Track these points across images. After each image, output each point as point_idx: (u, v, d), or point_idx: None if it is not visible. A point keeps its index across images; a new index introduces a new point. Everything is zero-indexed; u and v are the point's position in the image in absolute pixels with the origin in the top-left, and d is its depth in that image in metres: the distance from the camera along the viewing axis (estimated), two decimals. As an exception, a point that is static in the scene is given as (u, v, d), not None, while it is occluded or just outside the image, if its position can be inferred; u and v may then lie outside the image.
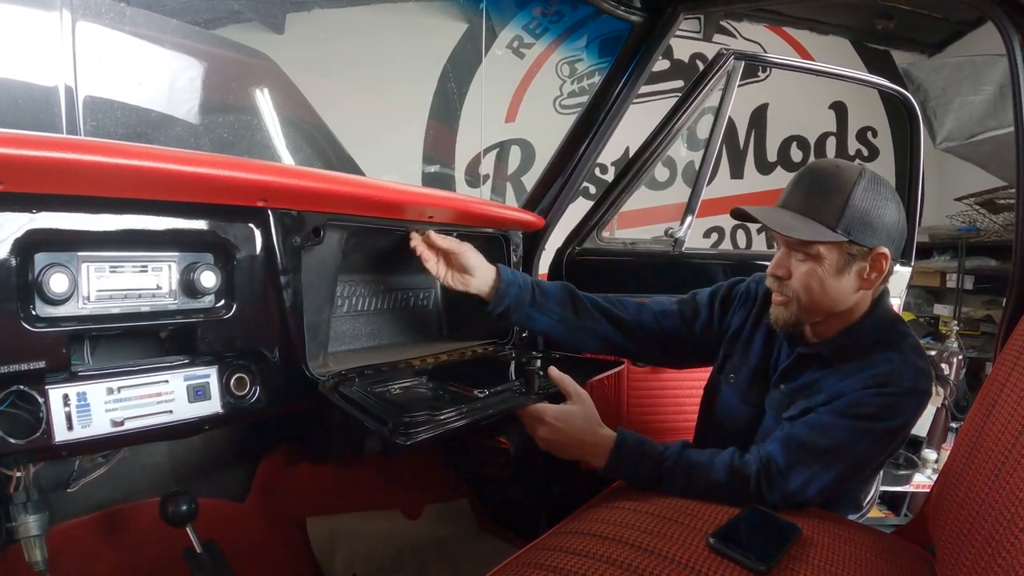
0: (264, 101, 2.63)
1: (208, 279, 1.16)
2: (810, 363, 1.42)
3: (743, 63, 2.00)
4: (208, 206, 1.17)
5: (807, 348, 1.42)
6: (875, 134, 5.84)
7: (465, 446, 2.16)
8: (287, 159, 2.58)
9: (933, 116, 4.24)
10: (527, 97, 5.52)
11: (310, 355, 1.32)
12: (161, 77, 2.37)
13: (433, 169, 5.36)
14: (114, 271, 1.09)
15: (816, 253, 1.29)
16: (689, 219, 2.02)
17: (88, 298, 1.06)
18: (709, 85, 1.97)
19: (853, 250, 1.29)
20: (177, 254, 1.16)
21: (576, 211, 2.07)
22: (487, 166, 5.49)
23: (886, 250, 1.29)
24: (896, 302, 1.68)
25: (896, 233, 1.31)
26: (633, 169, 2.00)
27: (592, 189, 4.74)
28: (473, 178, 5.38)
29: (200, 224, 1.17)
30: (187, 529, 1.41)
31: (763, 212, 1.35)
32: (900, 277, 2.44)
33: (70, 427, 1.03)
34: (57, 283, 1.00)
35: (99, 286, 1.07)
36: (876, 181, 1.30)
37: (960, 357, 3.46)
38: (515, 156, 5.50)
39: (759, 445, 1.34)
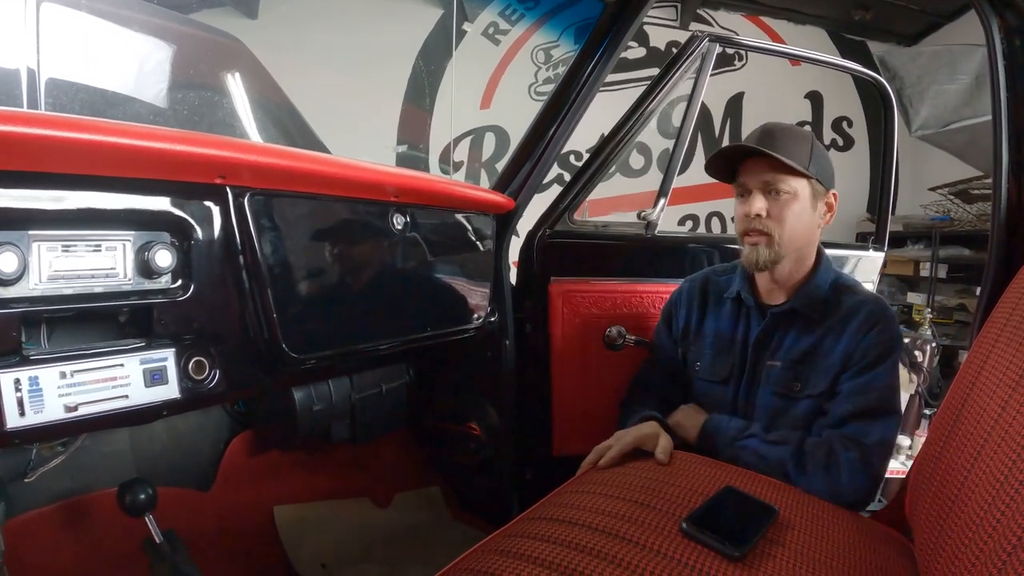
0: (231, 82, 2.57)
1: (164, 259, 1.12)
2: (783, 322, 1.55)
3: (717, 46, 1.98)
4: (164, 183, 1.13)
5: (778, 307, 1.56)
6: (850, 124, 5.89)
7: (435, 432, 2.14)
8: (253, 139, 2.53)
9: (908, 104, 4.27)
10: (502, 84, 5.49)
11: (272, 338, 1.29)
12: (125, 57, 2.32)
13: (407, 156, 5.32)
14: (67, 251, 1.04)
15: (793, 190, 1.47)
16: (662, 202, 2.00)
17: (40, 279, 1.02)
18: (683, 68, 1.95)
19: (818, 188, 1.50)
20: (132, 233, 1.12)
21: (549, 200, 2.05)
22: (460, 152, 5.46)
23: (836, 193, 1.54)
24: (869, 288, 1.73)
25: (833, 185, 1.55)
26: (605, 151, 1.97)
27: (567, 176, 4.73)
28: (447, 165, 5.36)
29: (156, 202, 1.13)
30: (146, 518, 1.37)
31: (753, 146, 1.48)
32: (873, 263, 2.44)
33: (22, 413, 0.99)
34: (6, 263, 0.96)
35: (51, 266, 1.03)
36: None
37: (933, 345, 3.49)
38: (490, 143, 5.47)
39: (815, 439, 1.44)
